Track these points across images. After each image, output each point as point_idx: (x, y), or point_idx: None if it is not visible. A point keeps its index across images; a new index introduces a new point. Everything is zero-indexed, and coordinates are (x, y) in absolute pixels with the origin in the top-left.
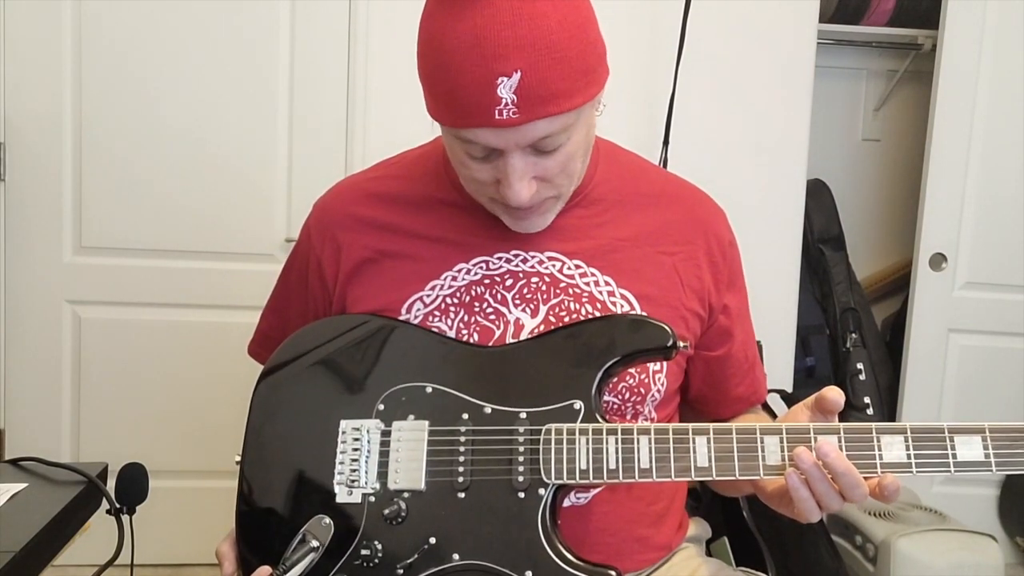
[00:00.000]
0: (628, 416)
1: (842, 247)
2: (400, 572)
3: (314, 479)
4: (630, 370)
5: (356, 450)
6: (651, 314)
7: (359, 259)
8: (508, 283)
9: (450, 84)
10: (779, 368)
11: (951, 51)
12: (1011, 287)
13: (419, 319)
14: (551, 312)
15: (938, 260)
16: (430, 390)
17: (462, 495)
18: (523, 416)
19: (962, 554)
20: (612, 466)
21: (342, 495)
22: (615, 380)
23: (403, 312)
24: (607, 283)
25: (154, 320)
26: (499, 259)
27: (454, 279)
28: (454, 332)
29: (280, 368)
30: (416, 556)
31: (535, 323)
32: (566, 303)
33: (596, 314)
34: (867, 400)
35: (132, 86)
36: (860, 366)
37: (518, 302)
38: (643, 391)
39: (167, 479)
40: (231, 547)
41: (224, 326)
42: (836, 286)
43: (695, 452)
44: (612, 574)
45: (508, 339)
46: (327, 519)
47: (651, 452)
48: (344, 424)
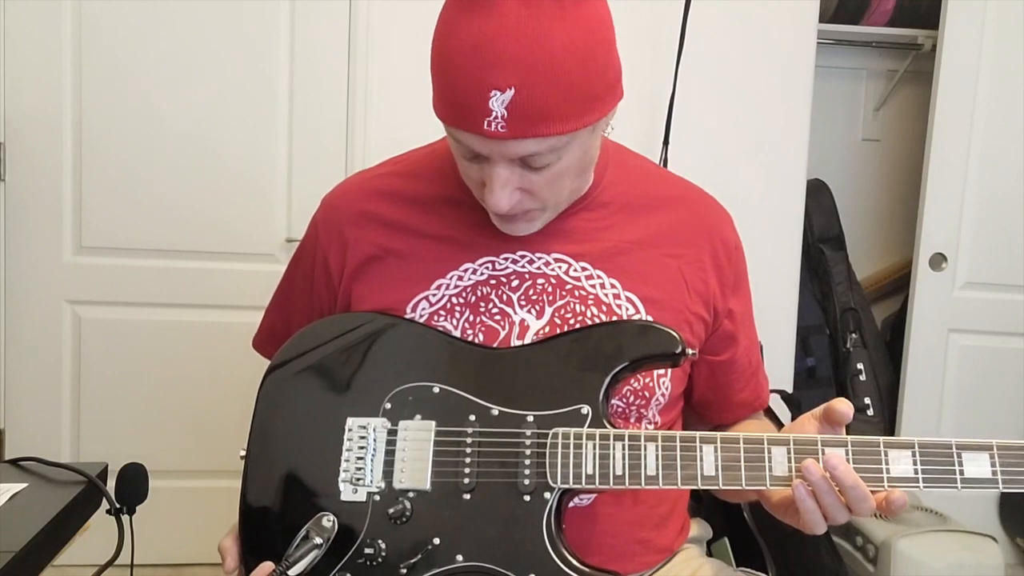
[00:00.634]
0: (632, 420)
1: (842, 247)
2: (403, 572)
3: (319, 476)
4: (635, 374)
5: (362, 448)
6: (656, 318)
7: (365, 256)
8: (514, 284)
9: (447, 82)
10: (779, 368)
11: (951, 51)
12: (1011, 287)
13: (424, 318)
14: (557, 314)
15: (938, 260)
16: (437, 390)
17: (467, 496)
18: (530, 419)
19: (962, 555)
20: (619, 472)
21: (347, 493)
22: (620, 384)
23: (408, 311)
24: (613, 286)
25: (154, 320)
26: (505, 260)
27: (460, 279)
28: (459, 332)
29: (286, 364)
30: (420, 556)
31: (540, 324)
32: (572, 305)
33: (602, 316)
34: (867, 400)
35: (132, 86)
36: (860, 366)
37: (524, 303)
38: (647, 395)
39: (167, 479)
40: (234, 542)
41: (224, 326)
42: (836, 286)
43: (702, 461)
44: None
45: (513, 340)
46: (331, 517)
47: (658, 459)
48: (351, 422)
